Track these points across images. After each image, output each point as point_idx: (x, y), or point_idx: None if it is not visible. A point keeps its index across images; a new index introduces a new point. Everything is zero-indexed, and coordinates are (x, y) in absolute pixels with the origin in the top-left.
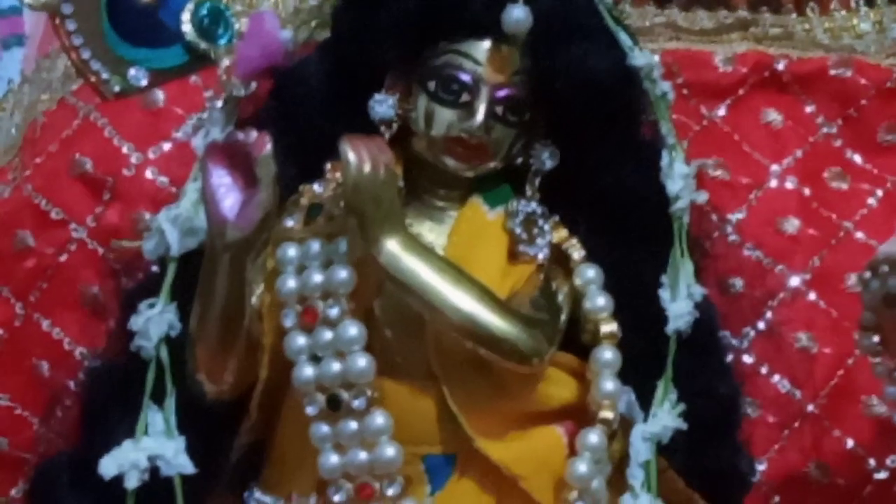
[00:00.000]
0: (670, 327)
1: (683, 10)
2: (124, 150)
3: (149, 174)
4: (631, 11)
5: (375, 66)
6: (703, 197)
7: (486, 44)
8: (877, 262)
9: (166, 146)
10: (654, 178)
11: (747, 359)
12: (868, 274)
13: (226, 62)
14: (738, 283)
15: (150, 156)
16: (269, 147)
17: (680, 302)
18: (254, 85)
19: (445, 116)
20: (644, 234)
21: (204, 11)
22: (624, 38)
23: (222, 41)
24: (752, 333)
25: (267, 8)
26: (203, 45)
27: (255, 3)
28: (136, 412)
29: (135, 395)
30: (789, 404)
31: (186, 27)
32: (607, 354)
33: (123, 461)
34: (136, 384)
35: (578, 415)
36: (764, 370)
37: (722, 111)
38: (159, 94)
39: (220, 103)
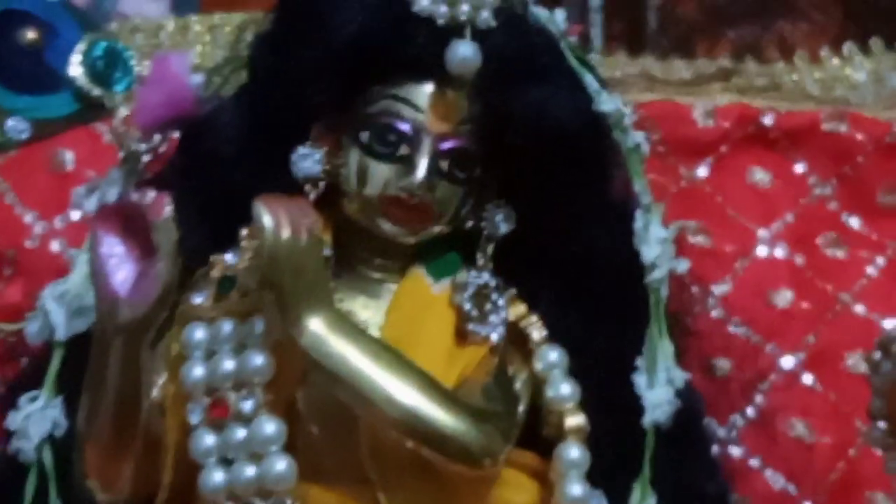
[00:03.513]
0: (647, 419)
1: (659, 60)
2: (27, 219)
3: (55, 246)
4: (601, 60)
5: (300, 114)
6: (683, 265)
7: (429, 87)
8: (888, 339)
9: (75, 215)
10: (626, 244)
11: (735, 451)
12: (878, 354)
13: (123, 111)
14: (724, 364)
15: (57, 225)
16: (168, 210)
17: (658, 389)
18: (157, 138)
19: (381, 173)
20: (616, 308)
21: (98, 52)
22: (590, 80)
23: (119, 87)
24: (741, 422)
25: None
26: (96, 91)
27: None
28: None
29: None
30: (784, 502)
31: (76, 70)
32: (573, 452)
33: None
34: (14, 494)
35: None
36: (755, 463)
37: (703, 171)
38: (67, 155)
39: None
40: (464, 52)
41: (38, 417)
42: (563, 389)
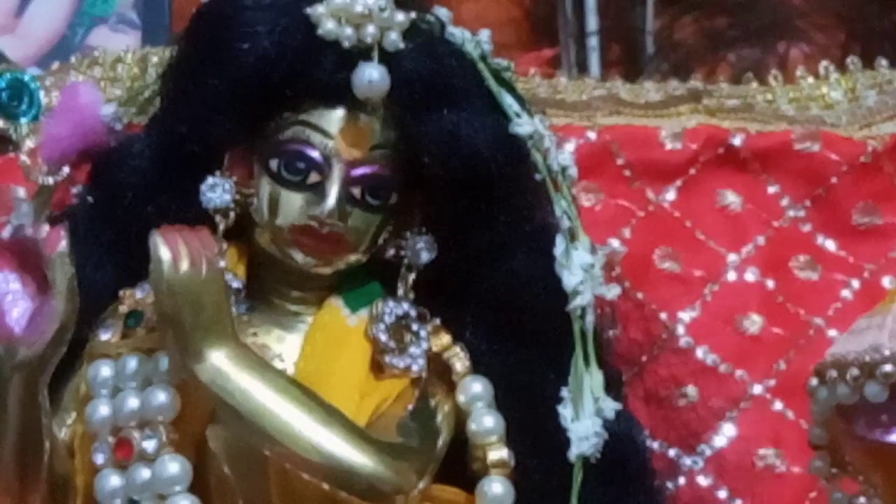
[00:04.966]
0: (573, 452)
1: (628, 83)
2: None
3: None
4: (566, 84)
5: (210, 142)
6: (613, 291)
7: (339, 113)
8: (824, 366)
9: None
10: (549, 270)
11: (703, 481)
12: (815, 381)
13: (29, 144)
14: (692, 392)
15: None
16: (63, 244)
17: (585, 421)
18: (66, 170)
19: (292, 202)
20: (542, 337)
21: (2, 84)
22: (509, 101)
23: (25, 118)
24: (709, 451)
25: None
26: (1, 122)
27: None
28: None
29: None
30: None
31: None
32: (496, 488)
33: None
34: None
35: None
36: (722, 494)
37: (671, 194)
38: (20, 191)
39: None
40: (370, 75)
41: None
42: (487, 422)
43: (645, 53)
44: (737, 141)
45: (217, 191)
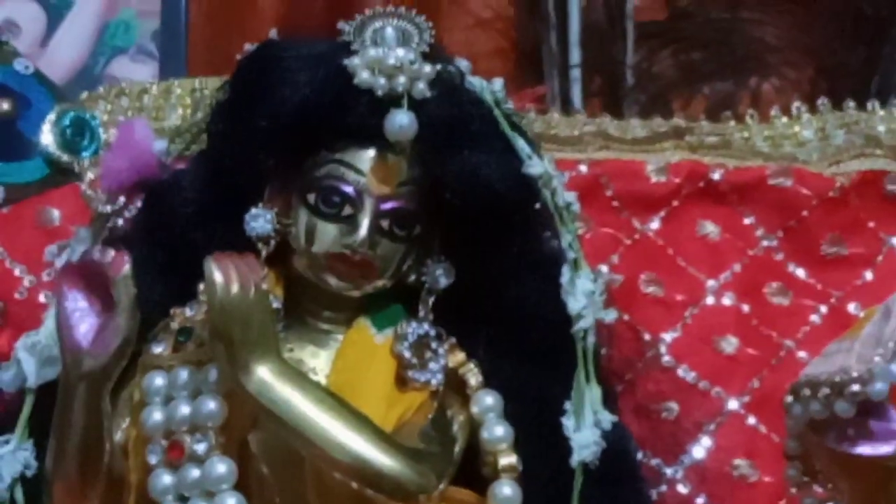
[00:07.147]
0: (574, 459)
1: (615, 119)
2: (16, 272)
3: (43, 298)
4: (560, 120)
5: (252, 176)
6: (611, 315)
7: (371, 152)
8: (798, 385)
9: None
10: (555, 296)
11: (682, 489)
12: (790, 398)
13: (90, 175)
14: (673, 407)
15: (45, 278)
16: (127, 268)
17: (585, 431)
18: (122, 200)
19: (327, 231)
20: (548, 355)
21: (67, 122)
22: (521, 144)
23: (87, 153)
24: (687, 461)
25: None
26: (65, 157)
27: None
28: None
29: None
30: None
31: (47, 138)
32: (506, 490)
33: None
34: None
35: None
36: (700, 501)
37: (655, 224)
38: (54, 213)
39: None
40: (401, 120)
41: (9, 459)
42: (497, 431)
43: (625, 85)
44: (716, 175)
45: (259, 220)
